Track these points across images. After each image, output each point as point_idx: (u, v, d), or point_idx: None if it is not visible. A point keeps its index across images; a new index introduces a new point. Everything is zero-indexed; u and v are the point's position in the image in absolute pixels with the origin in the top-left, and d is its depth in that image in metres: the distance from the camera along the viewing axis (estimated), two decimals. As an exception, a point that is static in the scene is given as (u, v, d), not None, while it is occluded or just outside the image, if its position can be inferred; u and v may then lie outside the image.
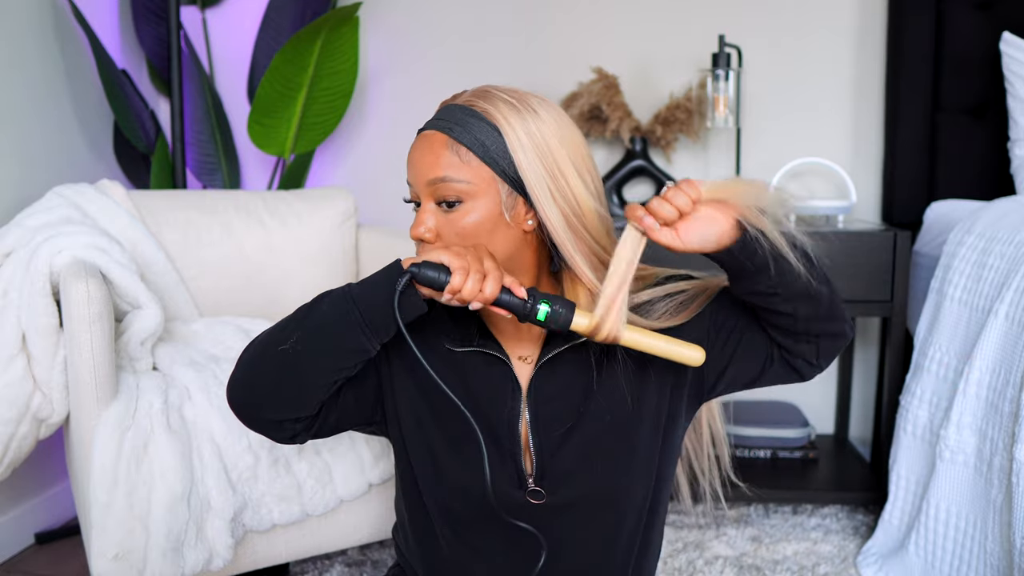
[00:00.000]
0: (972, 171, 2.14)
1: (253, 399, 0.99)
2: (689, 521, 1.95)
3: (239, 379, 0.99)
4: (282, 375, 0.95)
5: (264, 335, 0.98)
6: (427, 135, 0.99)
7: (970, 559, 1.50)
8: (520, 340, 1.05)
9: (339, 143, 2.44)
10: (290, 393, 0.97)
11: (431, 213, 0.98)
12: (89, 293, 1.35)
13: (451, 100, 1.01)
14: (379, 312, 0.92)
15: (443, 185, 0.96)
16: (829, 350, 1.00)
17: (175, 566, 1.36)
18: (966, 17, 2.11)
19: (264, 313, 1.83)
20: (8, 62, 1.84)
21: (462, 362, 1.03)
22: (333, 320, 0.93)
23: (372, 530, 1.59)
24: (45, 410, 1.51)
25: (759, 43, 2.27)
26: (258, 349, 0.98)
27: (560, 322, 0.93)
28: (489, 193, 0.96)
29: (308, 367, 0.95)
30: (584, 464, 1.01)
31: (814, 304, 0.95)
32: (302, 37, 2.02)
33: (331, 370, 0.96)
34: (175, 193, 1.88)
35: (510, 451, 1.01)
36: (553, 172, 0.97)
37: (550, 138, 0.97)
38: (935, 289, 1.71)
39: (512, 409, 1.01)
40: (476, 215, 0.96)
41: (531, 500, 1.01)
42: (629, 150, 2.23)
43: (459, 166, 0.96)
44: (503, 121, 0.96)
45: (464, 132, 0.96)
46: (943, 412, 1.60)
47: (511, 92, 0.99)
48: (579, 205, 0.98)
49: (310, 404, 0.98)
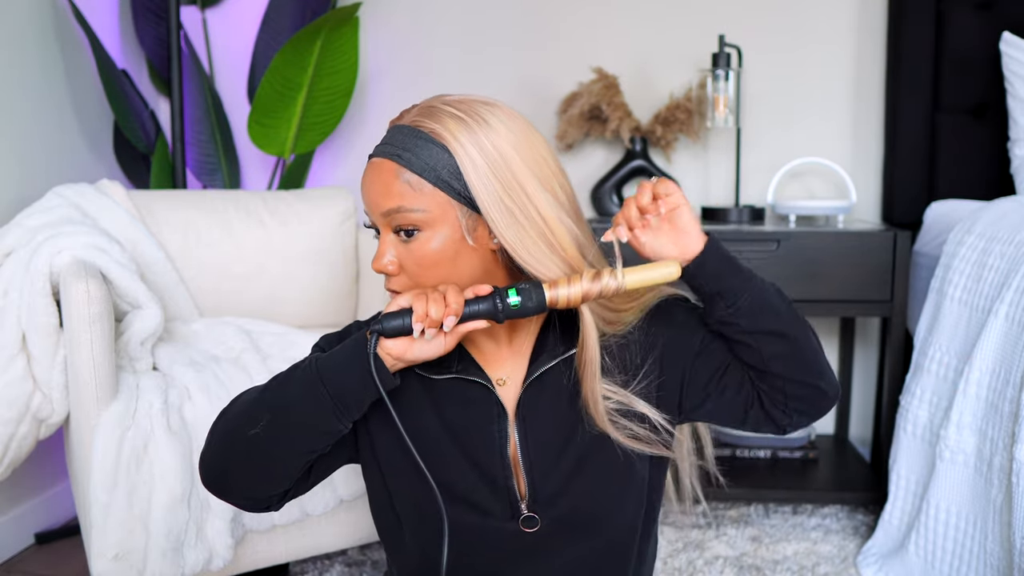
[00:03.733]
0: (972, 171, 2.14)
1: (225, 481, 0.97)
2: (689, 521, 1.95)
3: (210, 461, 0.97)
4: (253, 461, 0.94)
5: (233, 413, 0.96)
6: (376, 163, 0.94)
7: (970, 559, 1.50)
8: (502, 361, 1.01)
9: (339, 143, 2.44)
10: (262, 477, 0.95)
11: (391, 244, 0.94)
12: (89, 293, 1.35)
13: (398, 119, 0.96)
14: (350, 392, 0.90)
15: (397, 215, 0.92)
16: (801, 402, 0.96)
17: (175, 566, 1.36)
18: (966, 17, 2.11)
19: (264, 313, 1.83)
20: (8, 62, 1.84)
21: (441, 389, 1.00)
22: (303, 403, 0.91)
23: (372, 530, 1.59)
24: (45, 410, 1.51)
25: (759, 43, 2.27)
26: (228, 430, 0.95)
27: (535, 299, 0.89)
28: (446, 219, 0.92)
29: (279, 452, 0.93)
30: (579, 480, 0.98)
31: (781, 344, 0.93)
32: (302, 37, 2.02)
33: (303, 452, 0.94)
34: (175, 193, 1.88)
35: (502, 476, 0.98)
36: (510, 186, 0.91)
37: (504, 149, 0.91)
38: (935, 289, 1.71)
39: (500, 432, 0.98)
40: (436, 242, 0.92)
41: (524, 529, 0.98)
42: (629, 150, 2.23)
43: (411, 195, 0.91)
44: (451, 139, 0.90)
45: (413, 157, 0.91)
46: (943, 412, 1.60)
47: (459, 104, 0.93)
48: (543, 219, 0.92)
49: (284, 482, 0.97)
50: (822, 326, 2.37)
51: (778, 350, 0.93)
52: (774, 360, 0.93)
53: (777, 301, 0.94)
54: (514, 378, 1.01)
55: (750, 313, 0.92)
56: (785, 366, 0.94)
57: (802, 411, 0.96)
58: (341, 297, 1.92)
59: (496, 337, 1.00)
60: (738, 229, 1.95)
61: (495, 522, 0.98)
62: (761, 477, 2.04)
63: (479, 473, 0.98)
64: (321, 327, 1.87)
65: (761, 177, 2.31)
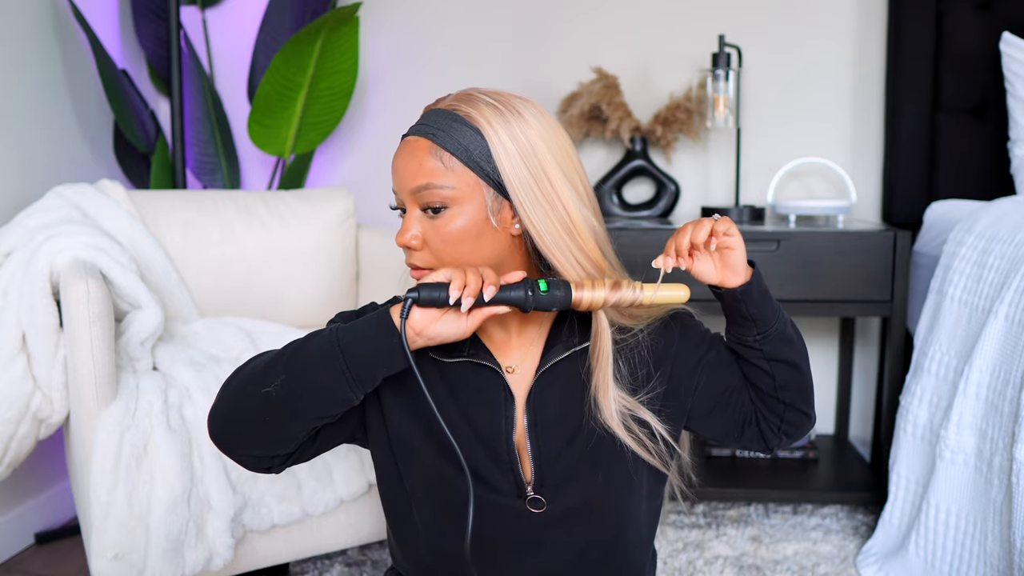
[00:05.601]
0: (972, 171, 2.14)
1: (232, 434, 0.98)
2: (689, 521, 1.95)
3: (220, 413, 0.98)
4: (263, 417, 0.94)
5: (249, 369, 0.97)
6: (410, 141, 0.98)
7: (970, 559, 1.50)
8: (510, 350, 1.03)
9: (339, 143, 2.44)
10: (270, 434, 0.96)
11: (416, 220, 0.97)
12: (89, 293, 1.35)
13: (434, 105, 1.00)
14: (366, 363, 0.91)
15: (427, 192, 0.95)
16: (792, 427, 1.04)
17: (175, 566, 1.36)
18: (966, 17, 2.11)
19: (264, 313, 1.83)
20: (8, 62, 1.84)
21: (452, 373, 1.02)
22: (318, 367, 0.92)
23: (372, 530, 1.59)
24: (45, 410, 1.51)
25: (759, 43, 2.27)
26: (241, 385, 0.96)
27: (562, 295, 0.93)
28: (474, 198, 0.95)
29: (290, 412, 0.94)
30: (585, 471, 1.00)
31: (791, 374, 1.01)
32: (302, 37, 2.02)
33: (313, 417, 0.95)
34: (175, 193, 1.88)
35: (508, 460, 1.00)
36: (538, 176, 0.96)
37: (535, 141, 0.96)
38: (935, 289, 1.71)
39: (507, 418, 1.00)
40: (462, 220, 0.95)
41: (531, 509, 1.00)
42: (629, 150, 2.23)
43: (442, 172, 0.95)
44: (485, 124, 0.95)
45: (447, 137, 0.95)
46: (943, 412, 1.60)
47: (494, 95, 0.98)
48: (566, 210, 0.97)
49: (289, 445, 0.98)
50: (822, 326, 2.38)
51: (789, 379, 1.01)
52: (784, 387, 1.01)
53: (794, 334, 1.02)
54: (526, 367, 1.03)
55: (775, 342, 1.00)
56: (791, 394, 1.02)
57: (791, 434, 1.05)
58: (341, 297, 1.92)
59: (507, 327, 1.03)
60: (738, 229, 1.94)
61: (502, 498, 1.00)
62: (761, 477, 2.04)
63: (487, 451, 1.00)
64: (321, 327, 1.87)
65: (761, 177, 2.31)
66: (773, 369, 1.00)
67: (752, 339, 0.99)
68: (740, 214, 2.10)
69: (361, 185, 2.40)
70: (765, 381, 1.01)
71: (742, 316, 0.98)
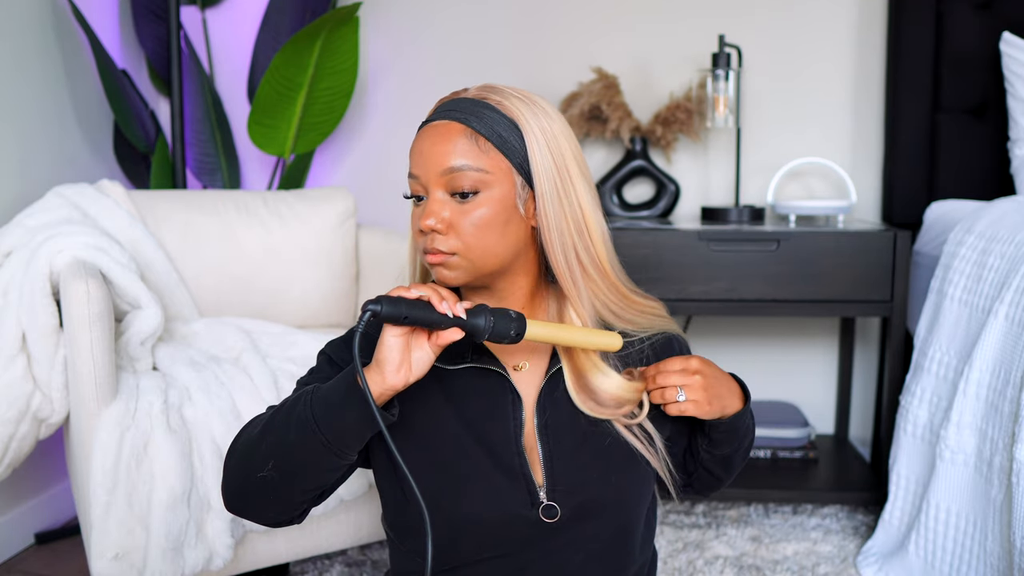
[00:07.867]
0: (972, 171, 2.14)
1: (248, 510, 0.99)
2: (689, 521, 1.95)
3: (230, 490, 0.99)
4: (267, 496, 0.96)
5: (242, 449, 0.97)
6: (439, 125, 0.97)
7: (970, 559, 1.50)
8: (516, 349, 1.03)
9: (339, 143, 2.44)
10: (280, 507, 0.98)
11: (443, 203, 0.96)
12: (89, 293, 1.35)
13: (456, 95, 1.00)
14: (342, 434, 0.91)
15: (460, 174, 0.94)
16: (708, 488, 1.13)
17: (175, 566, 1.36)
18: (966, 17, 2.11)
19: (264, 313, 1.83)
20: (8, 62, 1.84)
21: (455, 380, 1.01)
22: (302, 447, 0.92)
23: (372, 530, 1.59)
24: (45, 410, 1.51)
25: (759, 43, 2.27)
26: (240, 469, 0.97)
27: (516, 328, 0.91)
28: (505, 183, 0.96)
29: (291, 488, 0.95)
30: (596, 472, 0.99)
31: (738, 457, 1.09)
32: (302, 37, 2.02)
33: (316, 486, 0.97)
34: (175, 193, 1.88)
35: (518, 464, 0.98)
36: (562, 169, 0.97)
37: (559, 135, 0.98)
38: (935, 289, 1.71)
39: (516, 420, 0.99)
40: (492, 205, 0.95)
41: (544, 519, 0.97)
42: (629, 150, 2.23)
43: (477, 154, 0.95)
44: (519, 115, 0.96)
45: (481, 123, 0.95)
46: (943, 412, 1.60)
47: (518, 90, 0.99)
48: (581, 207, 0.98)
49: (302, 505, 1.00)
50: (822, 326, 2.38)
51: (734, 461, 1.09)
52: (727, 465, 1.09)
53: (753, 428, 1.09)
54: (536, 368, 1.03)
55: (739, 440, 1.07)
56: (727, 470, 1.11)
57: (702, 492, 1.14)
58: (341, 297, 1.92)
59: None
60: (738, 229, 1.94)
61: (514, 510, 0.98)
62: (761, 477, 2.04)
63: (496, 462, 0.98)
64: (321, 327, 1.88)
65: (761, 177, 2.31)
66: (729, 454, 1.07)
67: (721, 439, 1.05)
68: (740, 214, 2.10)
69: (361, 185, 2.40)
70: (714, 459, 1.07)
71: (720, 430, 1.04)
